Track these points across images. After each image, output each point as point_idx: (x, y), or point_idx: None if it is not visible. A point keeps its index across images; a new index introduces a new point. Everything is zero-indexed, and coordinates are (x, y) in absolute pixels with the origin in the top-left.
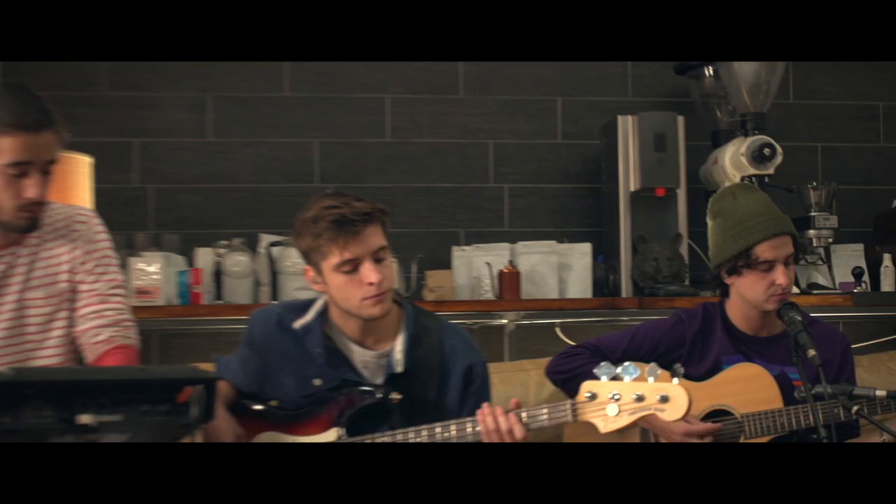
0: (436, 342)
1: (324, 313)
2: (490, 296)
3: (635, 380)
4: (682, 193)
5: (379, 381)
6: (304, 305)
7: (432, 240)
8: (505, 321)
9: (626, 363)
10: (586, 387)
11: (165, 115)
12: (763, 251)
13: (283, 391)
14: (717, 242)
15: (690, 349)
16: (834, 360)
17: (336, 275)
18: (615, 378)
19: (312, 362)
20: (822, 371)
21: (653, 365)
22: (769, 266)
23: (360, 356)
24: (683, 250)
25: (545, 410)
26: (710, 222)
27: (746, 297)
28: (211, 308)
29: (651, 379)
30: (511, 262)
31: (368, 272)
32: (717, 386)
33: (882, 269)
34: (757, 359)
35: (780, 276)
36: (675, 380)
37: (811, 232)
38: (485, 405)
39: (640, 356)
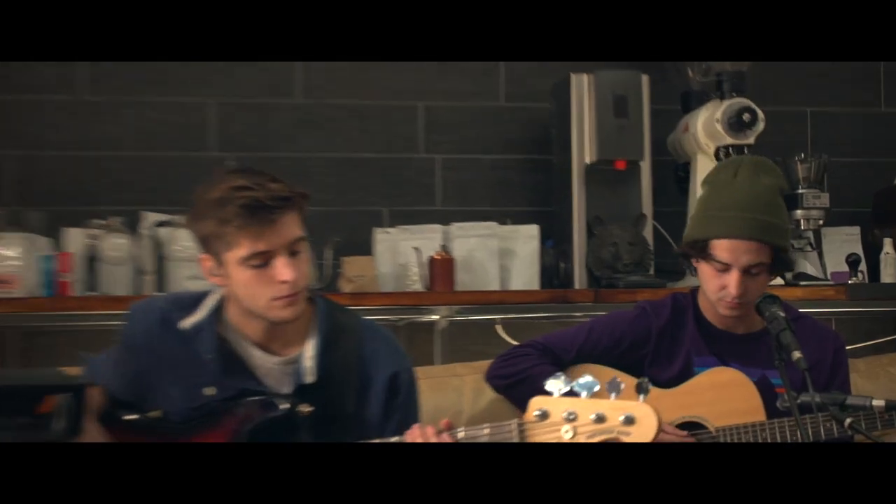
0: (354, 345)
1: (218, 310)
2: (418, 287)
3: (594, 395)
4: (646, 167)
5: (285, 391)
6: (195, 300)
7: (350, 220)
8: (436, 317)
9: (585, 377)
10: (536, 403)
11: (28, 67)
12: (720, 250)
13: (167, 401)
14: (692, 217)
15: (657, 347)
16: (824, 364)
17: (242, 269)
18: (570, 393)
19: (203, 368)
20: (809, 376)
21: (615, 378)
22: (724, 267)
23: (263, 362)
24: (647, 234)
25: (487, 430)
26: (699, 190)
27: (703, 289)
28: (82, 301)
29: (613, 395)
30: (444, 247)
31: (282, 268)
32: (688, 394)
33: (882, 257)
34: (734, 361)
35: (731, 283)
36: (642, 397)
37: (798, 212)
38: (415, 427)
39: (599, 354)
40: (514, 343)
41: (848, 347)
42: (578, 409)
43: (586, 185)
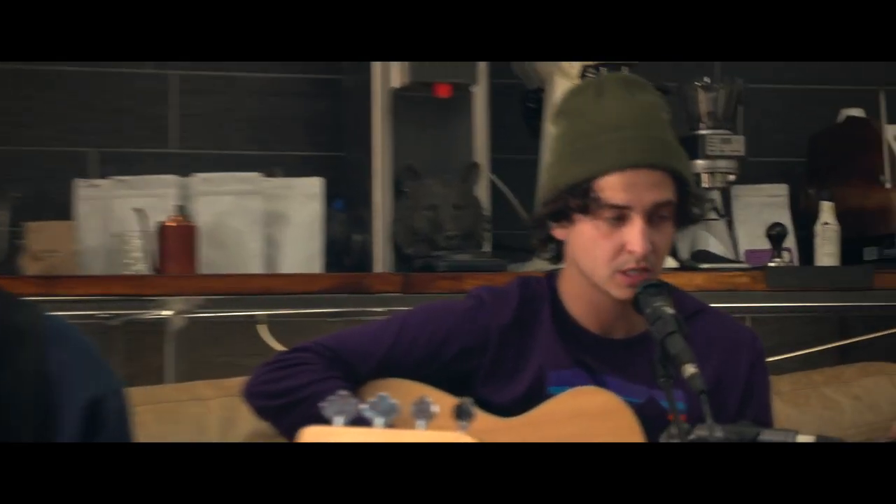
0: (31, 358)
1: None
2: (142, 269)
3: (392, 424)
4: (480, 94)
5: None
6: None
7: (37, 166)
8: (169, 313)
9: (381, 396)
10: (309, 436)
11: None
12: (612, 190)
13: None
14: (549, 164)
15: (497, 356)
16: (736, 380)
17: None
18: (359, 421)
19: None
20: (706, 401)
21: (423, 399)
22: (619, 215)
23: None
24: (482, 192)
25: None
26: (552, 128)
27: (582, 264)
28: None
29: (422, 423)
30: (181, 209)
31: None
32: (537, 425)
33: (818, 228)
34: (610, 377)
35: (634, 236)
36: (463, 424)
37: (699, 163)
38: None
39: (411, 365)
40: (284, 349)
41: (769, 359)
42: (372, 441)
43: (393, 120)
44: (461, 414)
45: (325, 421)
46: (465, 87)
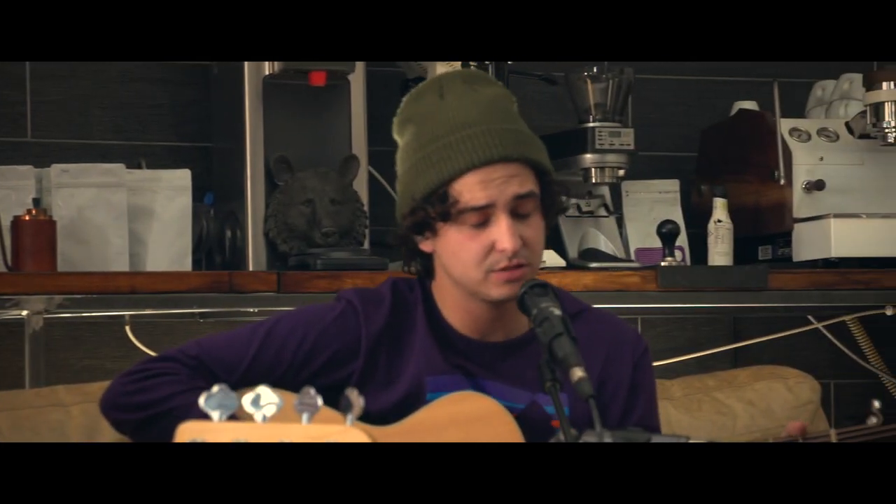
0: None
1: None
2: None
3: (274, 418)
4: (357, 82)
5: None
6: None
7: None
8: (24, 313)
9: (263, 390)
10: (187, 432)
11: None
12: (469, 190)
13: None
14: (402, 174)
15: (370, 362)
16: (620, 382)
17: None
18: (237, 416)
19: None
20: (595, 406)
21: (309, 391)
22: (482, 218)
23: None
24: (361, 187)
25: None
26: (398, 139)
27: (453, 273)
28: None
29: (305, 417)
30: (37, 203)
31: None
32: (416, 432)
33: (711, 226)
34: (491, 381)
35: (502, 233)
36: (349, 418)
37: (587, 157)
38: None
39: (281, 373)
40: (151, 354)
41: (660, 363)
42: (253, 437)
43: (265, 109)
44: (346, 406)
45: (204, 417)
46: (342, 75)
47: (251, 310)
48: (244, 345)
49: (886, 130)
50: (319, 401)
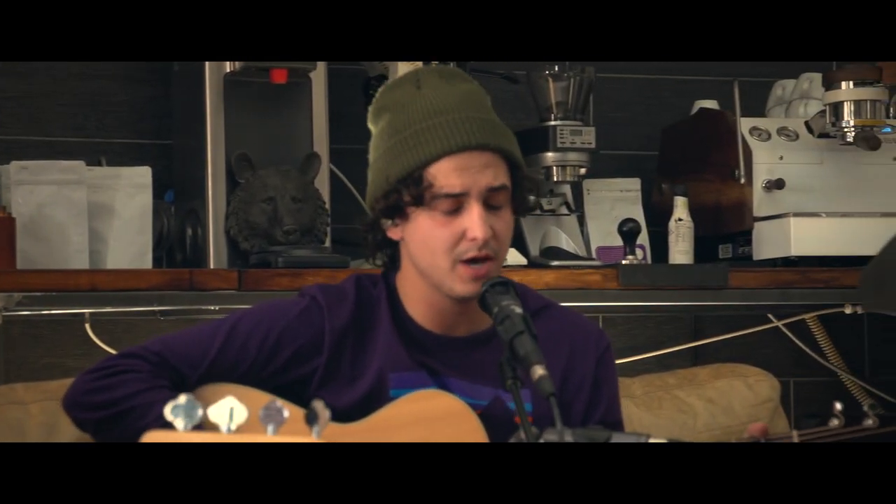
0: None
1: None
2: None
3: (240, 428)
4: (320, 79)
5: None
6: None
7: None
8: None
9: (228, 400)
10: (151, 440)
11: None
12: (445, 176)
13: None
14: (375, 160)
15: (333, 358)
16: (583, 378)
17: None
18: (202, 426)
19: None
20: (556, 405)
21: (273, 403)
22: (455, 205)
23: None
24: (322, 184)
25: None
26: (372, 128)
27: (420, 261)
28: None
29: (271, 427)
30: None
31: None
32: (379, 430)
33: (671, 224)
34: (455, 377)
35: (473, 221)
36: (316, 430)
37: (549, 155)
38: None
39: (244, 370)
40: (112, 352)
41: (621, 361)
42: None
43: (226, 106)
44: (311, 418)
45: (167, 426)
46: (303, 73)
47: (212, 308)
48: (208, 340)
49: (845, 129)
50: (286, 412)
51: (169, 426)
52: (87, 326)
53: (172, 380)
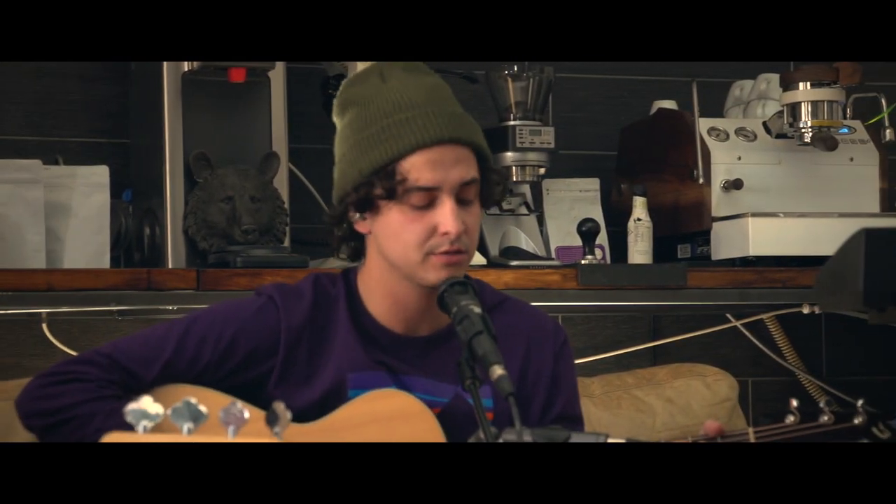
0: None
1: None
2: None
3: (199, 429)
4: (278, 78)
5: None
6: None
7: None
8: None
9: (189, 401)
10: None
11: None
12: (418, 169)
13: None
14: (344, 154)
15: (289, 357)
16: (541, 373)
17: None
18: (162, 428)
19: None
20: (515, 404)
21: (234, 404)
22: (427, 199)
23: None
24: (281, 184)
25: None
26: (337, 121)
27: (391, 253)
28: None
29: (232, 429)
30: None
31: None
32: (335, 431)
33: (630, 224)
34: (414, 376)
35: (446, 215)
36: (277, 430)
37: (509, 155)
38: None
39: (200, 370)
40: (72, 353)
41: (581, 361)
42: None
43: (184, 105)
44: (272, 420)
45: (128, 427)
46: (262, 72)
47: (170, 307)
48: (162, 340)
49: (803, 130)
50: (246, 414)
51: (128, 427)
52: (44, 326)
53: (125, 382)
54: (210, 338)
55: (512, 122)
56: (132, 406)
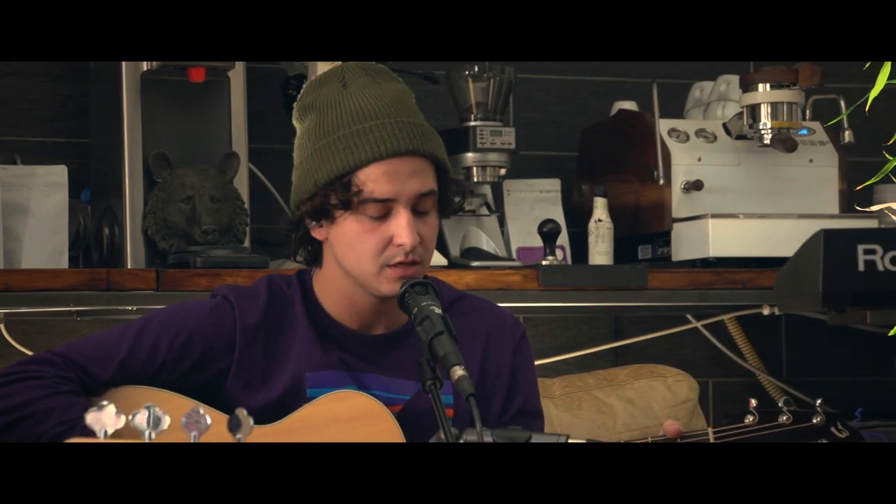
0: None
1: None
2: None
3: (163, 433)
4: (238, 78)
5: None
6: None
7: None
8: None
9: (150, 409)
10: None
11: None
12: (374, 181)
13: None
14: (302, 161)
15: (245, 357)
16: (500, 369)
17: None
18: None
19: None
20: (475, 405)
21: (196, 409)
22: (383, 210)
23: None
24: (241, 184)
25: None
26: (297, 126)
27: (346, 263)
28: None
29: (194, 434)
30: None
31: None
32: (294, 432)
33: (591, 225)
34: (372, 376)
35: (402, 227)
36: (239, 436)
37: (469, 156)
38: None
39: (155, 371)
40: (28, 353)
41: (542, 361)
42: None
43: (144, 104)
44: (234, 425)
45: (89, 433)
46: (221, 72)
47: (129, 308)
48: (117, 339)
49: (762, 131)
50: (208, 419)
51: (91, 433)
52: (2, 327)
53: (80, 380)
54: (165, 337)
55: (473, 123)
56: (94, 411)
